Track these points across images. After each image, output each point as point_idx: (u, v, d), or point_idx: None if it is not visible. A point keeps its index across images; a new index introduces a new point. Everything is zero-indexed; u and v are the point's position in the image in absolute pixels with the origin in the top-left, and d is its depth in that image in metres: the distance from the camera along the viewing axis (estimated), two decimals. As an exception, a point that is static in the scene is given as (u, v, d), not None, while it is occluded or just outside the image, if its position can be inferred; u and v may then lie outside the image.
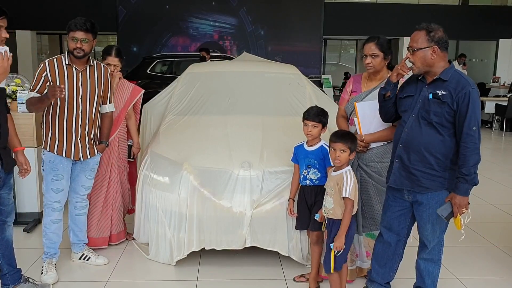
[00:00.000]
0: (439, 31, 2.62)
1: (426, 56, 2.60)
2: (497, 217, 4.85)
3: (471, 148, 2.52)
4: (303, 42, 12.50)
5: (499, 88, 12.34)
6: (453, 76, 2.61)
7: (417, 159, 2.67)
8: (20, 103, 4.18)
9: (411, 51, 2.65)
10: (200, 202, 3.41)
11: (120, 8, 11.92)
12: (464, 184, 2.55)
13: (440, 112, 2.59)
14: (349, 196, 2.82)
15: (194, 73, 4.77)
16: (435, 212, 2.67)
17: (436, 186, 2.67)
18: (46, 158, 3.30)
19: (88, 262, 3.61)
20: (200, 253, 3.61)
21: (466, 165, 2.53)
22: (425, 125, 2.64)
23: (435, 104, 2.60)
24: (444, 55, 2.64)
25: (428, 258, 2.89)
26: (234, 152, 3.60)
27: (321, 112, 3.17)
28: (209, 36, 12.42)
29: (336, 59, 18.88)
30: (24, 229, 4.20)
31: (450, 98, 2.56)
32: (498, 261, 3.78)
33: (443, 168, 2.64)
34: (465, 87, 2.54)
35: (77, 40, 3.19)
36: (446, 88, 2.58)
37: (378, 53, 3.05)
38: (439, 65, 2.62)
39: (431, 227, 2.76)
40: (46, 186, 3.32)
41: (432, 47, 2.59)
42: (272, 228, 3.39)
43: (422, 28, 2.64)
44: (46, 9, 12.71)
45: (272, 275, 3.46)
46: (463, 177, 2.54)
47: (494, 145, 9.55)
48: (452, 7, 14.21)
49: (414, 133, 2.67)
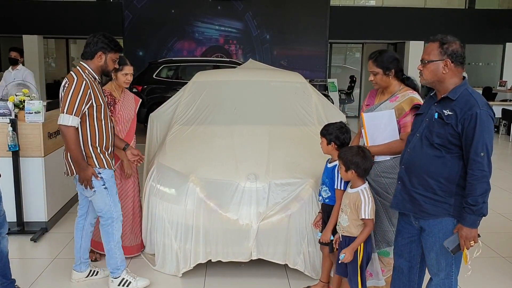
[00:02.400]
0: (454, 43, 2.43)
1: (437, 69, 2.42)
2: (504, 227, 4.81)
3: (478, 176, 2.30)
4: (309, 46, 12.48)
5: (506, 92, 12.28)
6: (462, 95, 2.39)
7: (418, 182, 2.49)
8: (28, 112, 4.21)
9: (423, 63, 2.49)
10: (206, 214, 3.42)
11: (126, 12, 11.96)
12: (471, 215, 2.32)
13: (443, 134, 2.39)
14: (368, 217, 2.78)
15: (201, 82, 4.78)
16: (438, 240, 2.48)
17: (439, 213, 2.45)
18: (107, 176, 3.22)
19: (96, 277, 3.55)
20: (206, 264, 3.62)
21: (472, 194, 2.31)
22: (427, 146, 2.46)
23: (439, 124, 2.41)
24: (458, 70, 2.44)
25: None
26: (240, 163, 3.60)
27: (327, 126, 3.14)
28: (215, 40, 12.43)
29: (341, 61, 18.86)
30: (31, 239, 4.22)
31: (454, 119, 2.35)
32: (505, 273, 3.75)
33: (447, 194, 2.42)
34: (472, 108, 2.32)
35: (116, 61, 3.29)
36: (453, 108, 2.37)
37: (378, 71, 3.02)
38: (451, 81, 2.43)
39: (435, 256, 2.53)
40: (113, 200, 3.27)
41: (445, 60, 2.41)
42: (278, 240, 3.39)
43: (436, 40, 2.48)
44: (52, 14, 12.78)
45: (279, 286, 3.46)
46: (469, 207, 2.32)
47: (501, 151, 9.49)
48: (459, 11, 14.13)
49: (416, 154, 2.51)
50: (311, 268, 3.47)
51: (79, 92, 3.02)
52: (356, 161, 2.78)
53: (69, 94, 3.02)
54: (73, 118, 3.02)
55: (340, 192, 2.97)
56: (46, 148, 4.34)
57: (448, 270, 2.53)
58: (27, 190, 4.34)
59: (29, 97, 4.43)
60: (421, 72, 2.50)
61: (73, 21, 12.78)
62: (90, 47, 3.18)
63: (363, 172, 2.82)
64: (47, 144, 4.36)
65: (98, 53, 3.16)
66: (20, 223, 4.33)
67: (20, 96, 4.37)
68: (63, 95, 3.06)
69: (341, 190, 2.97)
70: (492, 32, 13.74)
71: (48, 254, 4.00)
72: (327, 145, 3.09)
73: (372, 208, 2.79)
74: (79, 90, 3.02)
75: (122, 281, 3.37)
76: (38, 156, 4.29)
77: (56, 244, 4.17)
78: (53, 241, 4.26)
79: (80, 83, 3.03)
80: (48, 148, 4.40)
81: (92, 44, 3.18)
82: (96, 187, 3.18)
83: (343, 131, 3.05)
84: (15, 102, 4.28)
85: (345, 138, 3.05)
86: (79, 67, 3.17)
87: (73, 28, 12.93)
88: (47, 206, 4.41)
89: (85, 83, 3.06)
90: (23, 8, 12.64)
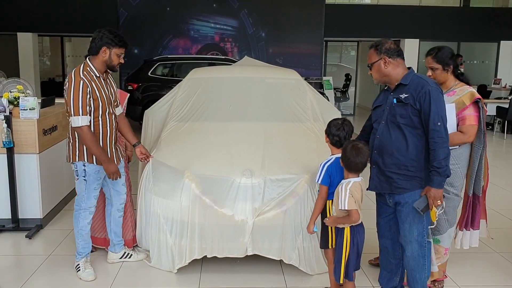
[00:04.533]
0: (386, 43, 2.83)
1: (380, 67, 2.83)
2: (499, 223, 4.83)
3: (439, 143, 2.67)
4: (304, 44, 12.49)
5: (501, 90, 12.32)
6: (413, 80, 2.79)
7: (391, 162, 2.81)
8: (23, 109, 4.19)
9: (370, 68, 2.88)
10: (201, 210, 3.41)
11: (121, 10, 11.93)
12: (437, 177, 2.68)
13: (406, 114, 2.75)
14: (347, 208, 2.78)
15: (196, 79, 4.77)
16: (412, 211, 2.80)
17: (413, 186, 2.79)
18: (91, 170, 3.35)
19: (130, 259, 3.75)
20: (202, 260, 3.62)
21: (436, 158, 2.67)
22: (393, 129, 2.81)
23: (399, 107, 2.78)
24: (398, 62, 2.83)
25: (412, 267, 2.90)
26: (236, 159, 3.60)
27: (329, 122, 3.13)
28: (210, 38, 12.41)
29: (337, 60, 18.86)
30: (26, 235, 4.20)
31: (412, 99, 2.73)
32: (501, 268, 3.77)
33: (418, 168, 2.77)
34: (424, 87, 2.72)
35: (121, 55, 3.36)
36: (408, 91, 2.76)
37: (437, 66, 3.17)
38: (396, 72, 2.83)
39: (408, 227, 2.85)
40: (87, 193, 3.41)
41: (383, 58, 2.81)
42: (274, 236, 3.39)
43: (371, 47, 2.89)
44: (47, 11, 12.71)
45: (274, 282, 3.47)
46: (436, 170, 2.68)
47: (495, 148, 9.53)
48: (454, 9, 14.17)
49: (385, 138, 2.84)
50: (306, 264, 3.47)
51: (79, 91, 3.14)
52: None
53: (70, 96, 3.16)
54: (82, 118, 3.16)
55: (322, 187, 2.99)
56: (41, 144, 4.33)
57: (420, 240, 2.85)
58: (22, 187, 4.32)
59: (24, 93, 4.41)
60: (371, 75, 2.91)
61: (68, 19, 12.72)
62: (95, 42, 3.28)
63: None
64: (42, 140, 4.34)
65: (103, 48, 3.26)
66: (15, 220, 4.31)
67: (14, 92, 4.35)
68: (66, 98, 3.20)
69: (322, 185, 2.99)
70: (487, 30, 13.79)
71: (43, 251, 3.98)
72: (325, 139, 3.12)
73: (350, 199, 2.77)
74: (78, 90, 3.14)
75: (77, 266, 3.52)
76: (33, 153, 4.27)
77: (51, 241, 4.16)
78: (48, 238, 4.24)
79: (78, 83, 3.15)
80: (43, 144, 4.38)
81: (97, 39, 3.27)
82: (78, 176, 3.37)
83: (337, 127, 3.04)
84: (9, 99, 4.26)
85: (338, 135, 3.02)
86: (82, 65, 3.28)
87: (68, 26, 12.87)
88: (42, 203, 4.40)
89: (82, 82, 3.16)
90: (18, 6, 12.56)
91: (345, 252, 2.88)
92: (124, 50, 3.36)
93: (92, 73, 3.25)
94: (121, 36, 3.33)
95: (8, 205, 4.29)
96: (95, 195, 3.47)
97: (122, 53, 3.35)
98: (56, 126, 4.69)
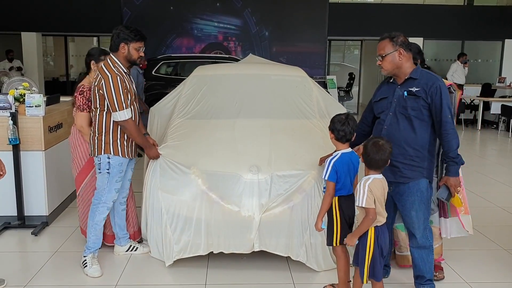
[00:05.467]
0: (401, 36, 2.97)
1: (394, 59, 2.94)
2: (505, 220, 4.81)
3: (451, 133, 2.85)
4: (308, 43, 12.45)
5: (505, 89, 12.26)
6: (422, 74, 2.96)
7: (398, 152, 2.93)
8: (28, 106, 4.19)
9: (380, 58, 2.97)
10: (208, 206, 3.41)
11: (125, 9, 11.91)
12: (454, 166, 2.88)
13: (417, 106, 2.92)
14: (363, 205, 2.74)
15: (201, 76, 4.76)
16: (417, 199, 2.96)
17: (416, 176, 2.94)
18: (115, 162, 3.46)
19: (136, 252, 3.82)
20: (208, 257, 3.61)
21: (451, 149, 2.86)
22: (403, 120, 2.95)
23: (411, 100, 2.93)
24: (409, 55, 2.98)
25: (419, 246, 3.08)
26: (242, 155, 3.59)
27: (333, 117, 3.09)
28: (214, 37, 12.39)
29: (340, 59, 18.83)
30: (32, 232, 4.20)
31: (424, 93, 2.89)
32: (507, 265, 3.75)
33: (421, 159, 2.94)
34: (435, 82, 2.89)
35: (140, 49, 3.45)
36: (418, 85, 2.92)
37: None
38: (406, 65, 2.96)
39: (415, 214, 3.00)
40: (109, 187, 3.49)
41: (398, 50, 2.93)
42: (280, 232, 3.38)
43: (385, 37, 2.99)
44: (51, 11, 12.73)
45: (281, 279, 3.45)
46: (452, 160, 2.87)
47: (500, 146, 9.50)
48: (457, 8, 14.13)
49: (393, 129, 2.98)
50: (313, 260, 3.46)
51: (118, 87, 3.30)
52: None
53: (111, 92, 3.29)
54: (126, 111, 3.34)
55: (329, 183, 2.96)
56: (47, 141, 4.33)
57: (425, 224, 3.05)
58: (28, 184, 4.33)
59: (29, 90, 4.41)
60: (380, 65, 3.00)
61: (72, 18, 12.74)
62: (114, 39, 3.41)
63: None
64: (47, 137, 4.34)
65: (121, 44, 3.38)
66: (20, 217, 4.31)
67: (20, 89, 4.35)
68: (106, 94, 3.30)
69: (330, 182, 2.95)
70: (491, 28, 13.74)
71: (49, 247, 3.99)
72: (330, 136, 3.07)
73: (368, 197, 2.72)
74: (117, 85, 3.30)
75: (84, 262, 3.53)
76: (38, 150, 4.28)
77: (57, 238, 4.16)
78: (53, 235, 4.24)
79: (116, 79, 3.30)
80: (49, 141, 4.38)
81: (115, 36, 3.41)
82: (101, 169, 3.45)
83: (342, 122, 2.99)
84: (15, 96, 4.26)
85: (344, 128, 2.97)
86: (109, 60, 3.40)
87: (72, 25, 12.89)
88: (47, 200, 4.40)
89: (119, 77, 3.32)
90: (22, 6, 12.59)
91: (369, 253, 2.80)
92: (143, 43, 3.46)
93: (121, 69, 3.39)
94: (137, 30, 3.43)
95: (14, 202, 4.29)
96: (116, 188, 3.53)
97: (141, 46, 3.45)
98: (61, 123, 4.69)
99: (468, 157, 7.64)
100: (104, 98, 3.33)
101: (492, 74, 14.18)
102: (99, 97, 3.35)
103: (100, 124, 3.41)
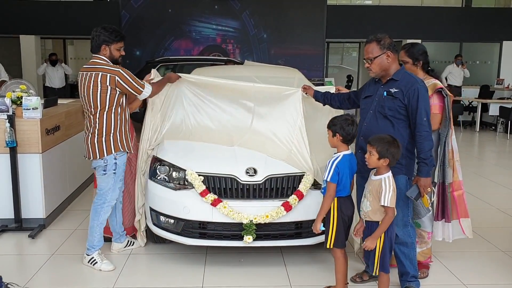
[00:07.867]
0: (387, 38, 3.01)
1: (383, 61, 3.00)
2: (503, 222, 4.81)
3: (424, 136, 2.92)
4: (306, 45, 12.47)
5: (503, 90, 12.29)
6: (403, 76, 3.02)
7: None
8: (26, 109, 4.18)
9: (369, 61, 3.01)
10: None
11: (123, 12, 11.92)
12: (424, 167, 2.95)
13: (393, 107, 2.98)
14: (389, 205, 2.79)
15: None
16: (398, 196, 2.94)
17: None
18: (121, 161, 3.53)
19: (133, 247, 3.91)
20: (205, 258, 3.61)
21: (423, 150, 2.93)
22: (381, 118, 3.03)
23: (388, 100, 3.00)
24: (396, 57, 3.04)
25: (401, 242, 3.10)
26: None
27: (333, 118, 3.09)
28: (212, 40, 12.41)
29: (338, 61, 18.86)
30: (29, 235, 4.18)
31: (401, 94, 2.96)
32: (505, 267, 3.74)
33: (400, 156, 2.92)
34: (413, 85, 2.95)
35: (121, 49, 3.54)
36: (398, 86, 2.98)
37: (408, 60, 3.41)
38: (393, 67, 3.03)
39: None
40: (114, 186, 3.54)
41: (386, 52, 2.98)
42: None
43: (371, 40, 3.02)
44: (49, 14, 12.75)
45: (278, 281, 3.44)
46: (423, 161, 2.94)
47: (499, 148, 9.51)
48: (455, 9, 14.17)
49: (372, 126, 3.05)
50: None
51: (129, 72, 3.42)
52: (393, 152, 2.82)
53: (130, 81, 3.39)
54: (146, 86, 3.51)
55: (330, 185, 2.95)
56: (44, 144, 4.32)
57: (405, 221, 3.09)
58: (25, 186, 4.32)
59: (27, 93, 4.41)
60: (369, 68, 3.04)
61: (70, 21, 12.75)
62: (94, 41, 3.42)
63: (394, 162, 2.88)
64: (45, 140, 4.33)
65: (102, 46, 3.42)
66: (17, 220, 4.30)
67: (17, 92, 4.35)
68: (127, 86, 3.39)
69: (331, 183, 2.95)
70: (489, 30, 13.77)
71: (46, 250, 3.97)
72: (332, 137, 3.03)
73: (392, 197, 2.80)
74: (128, 72, 3.42)
75: (91, 260, 3.57)
76: (36, 152, 4.27)
77: (54, 241, 4.15)
78: (51, 238, 4.23)
79: (123, 68, 3.42)
80: (46, 144, 4.38)
81: (95, 38, 3.42)
82: (107, 171, 3.47)
83: (348, 123, 2.98)
84: (12, 98, 4.26)
85: (350, 129, 2.97)
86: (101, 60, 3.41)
87: (70, 28, 12.90)
88: (45, 203, 4.39)
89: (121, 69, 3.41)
90: (20, 9, 12.60)
91: (380, 245, 2.87)
92: (123, 42, 3.50)
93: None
94: (117, 30, 3.48)
95: (11, 205, 4.28)
96: (120, 186, 3.61)
97: (122, 46, 3.50)
98: (59, 126, 4.68)
99: (466, 159, 7.65)
100: (121, 94, 3.40)
101: (490, 76, 14.21)
102: (110, 97, 3.36)
103: (109, 123, 3.43)
